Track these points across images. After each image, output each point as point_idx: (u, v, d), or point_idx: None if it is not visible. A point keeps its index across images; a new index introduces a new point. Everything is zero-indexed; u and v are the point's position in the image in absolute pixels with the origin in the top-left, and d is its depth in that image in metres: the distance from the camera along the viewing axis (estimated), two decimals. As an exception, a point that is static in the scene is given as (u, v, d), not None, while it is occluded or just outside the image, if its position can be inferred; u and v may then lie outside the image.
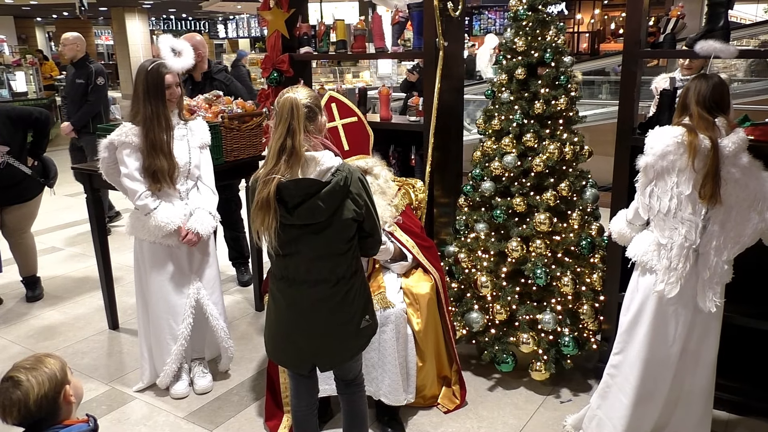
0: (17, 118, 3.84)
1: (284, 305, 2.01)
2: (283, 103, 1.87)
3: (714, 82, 2.14)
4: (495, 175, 2.95)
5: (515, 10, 2.92)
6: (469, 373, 3.06)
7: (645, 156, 2.16)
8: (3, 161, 3.74)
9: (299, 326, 2.00)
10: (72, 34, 5.36)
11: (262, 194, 1.84)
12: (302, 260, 1.94)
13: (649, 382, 2.30)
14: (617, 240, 2.43)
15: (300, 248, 1.92)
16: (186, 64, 2.81)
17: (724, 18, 2.53)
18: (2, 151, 3.73)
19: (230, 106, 3.48)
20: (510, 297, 2.89)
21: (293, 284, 1.97)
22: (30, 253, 4.14)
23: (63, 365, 1.64)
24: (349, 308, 2.00)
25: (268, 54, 3.55)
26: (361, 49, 3.42)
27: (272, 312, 2.07)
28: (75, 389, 1.66)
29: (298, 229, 1.89)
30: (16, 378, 1.56)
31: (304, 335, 2.01)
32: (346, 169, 1.91)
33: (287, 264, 1.96)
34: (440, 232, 3.32)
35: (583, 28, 19.19)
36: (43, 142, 4.02)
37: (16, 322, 3.80)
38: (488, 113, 3.04)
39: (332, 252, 1.94)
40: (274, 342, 2.09)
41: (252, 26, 19.32)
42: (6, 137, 3.74)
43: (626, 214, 2.36)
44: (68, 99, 5.35)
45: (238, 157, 3.42)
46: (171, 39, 2.80)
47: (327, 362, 2.07)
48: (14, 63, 12.39)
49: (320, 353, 2.03)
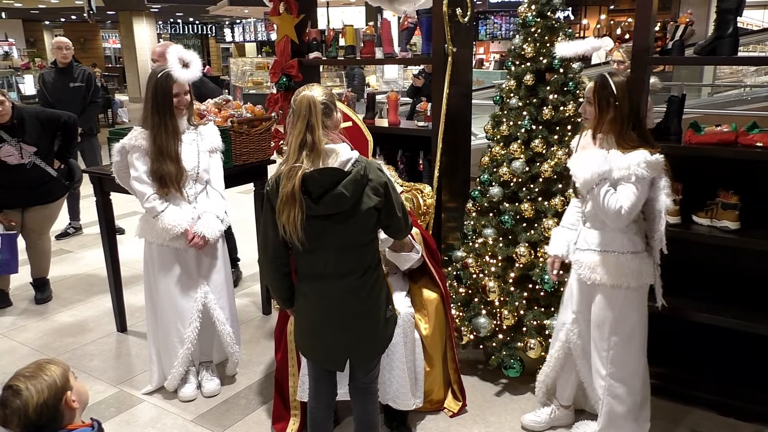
0: (46, 120, 3.93)
1: (315, 301, 2.03)
2: (301, 100, 1.91)
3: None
4: (503, 180, 2.96)
5: (524, 17, 2.94)
6: (476, 378, 3.06)
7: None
8: (30, 161, 3.82)
9: (332, 320, 2.02)
10: (67, 39, 5.40)
11: (287, 188, 1.86)
12: (329, 253, 1.96)
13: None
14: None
15: (326, 241, 1.94)
16: (193, 76, 2.78)
17: (733, 25, 2.54)
18: (30, 152, 3.80)
19: (239, 111, 3.50)
20: (518, 302, 2.90)
21: (322, 279, 1.99)
22: (45, 255, 4.18)
23: (64, 371, 1.64)
24: (376, 298, 2.05)
25: (278, 59, 3.57)
26: (370, 54, 3.44)
27: (303, 310, 2.09)
28: (78, 394, 1.66)
29: (323, 219, 1.91)
30: (15, 387, 1.57)
31: (338, 329, 2.03)
32: (364, 160, 1.96)
33: (314, 259, 1.98)
34: (448, 237, 3.33)
35: (589, 33, 19.18)
36: (71, 146, 4.12)
37: (25, 324, 3.83)
38: (497, 119, 3.05)
39: (357, 242, 1.97)
40: (309, 340, 2.11)
41: (259, 30, 19.38)
42: (35, 138, 3.83)
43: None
44: (61, 104, 4.91)
45: (247, 161, 3.44)
46: (179, 49, 2.79)
47: (362, 355, 2.09)
48: (23, 66, 12.49)
49: (356, 346, 2.06)
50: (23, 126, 3.78)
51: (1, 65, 13.20)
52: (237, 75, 14.69)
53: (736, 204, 2.62)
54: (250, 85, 13.25)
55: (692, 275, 2.90)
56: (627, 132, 2.18)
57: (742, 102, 6.61)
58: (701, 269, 2.90)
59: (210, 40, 26.64)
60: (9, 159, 3.73)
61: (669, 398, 2.81)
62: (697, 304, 2.75)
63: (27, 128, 3.80)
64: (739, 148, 2.57)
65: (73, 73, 5.26)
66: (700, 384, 2.82)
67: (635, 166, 2.12)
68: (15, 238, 3.80)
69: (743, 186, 2.65)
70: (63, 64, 5.24)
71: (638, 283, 2.28)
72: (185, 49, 2.82)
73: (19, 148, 3.75)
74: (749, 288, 2.77)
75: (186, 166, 2.79)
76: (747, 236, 2.59)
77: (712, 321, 2.70)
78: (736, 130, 2.60)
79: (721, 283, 2.83)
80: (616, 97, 2.16)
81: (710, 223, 2.70)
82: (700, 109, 5.79)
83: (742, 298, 2.74)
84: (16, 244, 3.81)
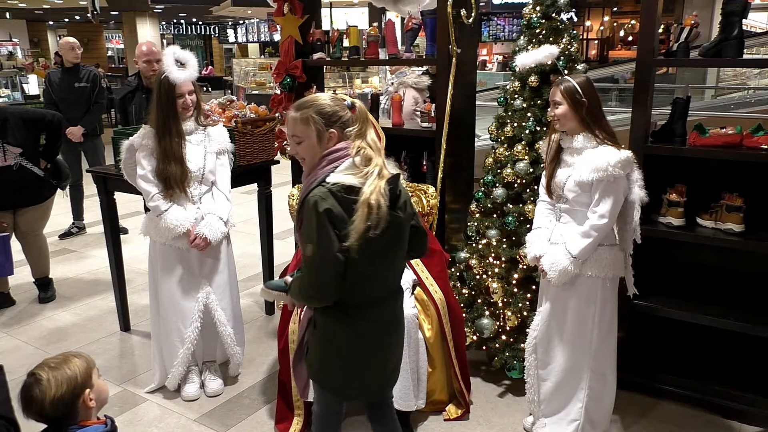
0: (30, 120, 3.87)
1: (369, 331, 1.82)
2: (360, 107, 1.80)
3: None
4: (507, 181, 2.96)
5: (529, 18, 2.93)
6: (479, 379, 3.06)
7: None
8: (16, 163, 3.77)
9: (388, 346, 1.89)
10: (75, 39, 5.43)
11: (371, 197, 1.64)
12: (389, 270, 1.82)
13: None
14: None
15: (388, 256, 1.78)
16: (190, 76, 2.75)
17: (738, 27, 2.54)
18: (15, 153, 3.76)
19: (243, 111, 3.50)
20: (521, 303, 2.89)
21: (378, 303, 1.82)
22: (43, 254, 4.18)
23: (88, 367, 1.65)
24: (402, 317, 1.97)
25: (282, 59, 3.58)
26: (373, 55, 3.44)
27: (347, 343, 1.82)
28: (98, 392, 1.68)
29: (392, 230, 1.73)
30: (38, 375, 1.59)
31: (389, 352, 1.90)
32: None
33: (370, 281, 1.78)
34: (451, 238, 3.33)
35: (592, 35, 19.16)
36: (56, 145, 4.05)
37: (29, 323, 3.84)
38: (501, 120, 3.05)
39: (403, 255, 1.86)
40: (354, 374, 1.87)
41: (262, 31, 19.40)
42: (19, 139, 3.77)
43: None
44: (66, 103, 5.13)
45: (251, 162, 3.44)
46: (176, 50, 2.75)
47: (396, 377, 2.00)
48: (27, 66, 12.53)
49: (395, 369, 1.96)
50: (6, 127, 3.71)
51: (6, 65, 13.24)
52: (240, 76, 14.72)
53: (740, 206, 2.62)
54: (253, 86, 13.28)
55: (695, 277, 2.90)
56: (597, 126, 2.27)
57: (746, 104, 6.59)
58: (704, 271, 2.90)
59: (213, 40, 26.67)
60: None
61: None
62: (699, 306, 2.75)
63: (11, 129, 3.73)
64: (744, 151, 2.57)
65: (79, 74, 5.28)
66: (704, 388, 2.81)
67: (612, 168, 2.17)
68: (8, 239, 3.76)
69: (748, 188, 2.65)
70: (72, 64, 5.26)
71: (614, 275, 2.34)
72: (181, 50, 2.77)
73: (2, 150, 3.69)
74: (752, 291, 2.77)
75: (191, 167, 2.79)
76: (751, 239, 2.59)
77: (714, 323, 2.70)
78: (741, 133, 2.59)
79: (725, 285, 2.83)
80: (583, 94, 2.25)
81: (714, 225, 2.70)
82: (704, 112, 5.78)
83: (744, 301, 2.74)
84: (10, 246, 3.76)
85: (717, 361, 2.91)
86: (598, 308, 2.33)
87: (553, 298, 2.41)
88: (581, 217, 2.30)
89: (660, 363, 2.97)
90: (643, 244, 2.41)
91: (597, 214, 2.23)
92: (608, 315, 2.36)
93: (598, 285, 2.31)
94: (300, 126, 1.77)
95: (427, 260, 2.78)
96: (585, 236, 2.25)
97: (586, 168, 2.22)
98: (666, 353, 3.03)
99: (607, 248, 2.31)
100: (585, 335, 2.36)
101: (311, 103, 1.79)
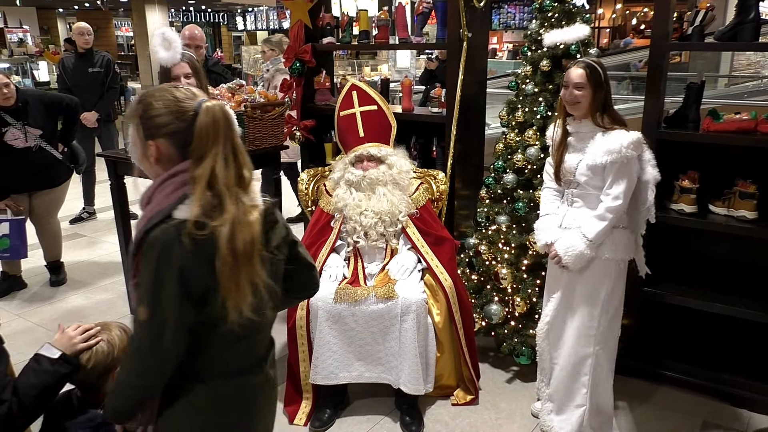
0: (50, 103, 3.94)
1: (238, 405, 1.34)
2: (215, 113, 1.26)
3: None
4: (517, 167, 2.94)
5: (541, 2, 2.90)
6: (488, 365, 3.06)
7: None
8: (36, 145, 3.83)
9: (261, 419, 1.44)
10: (87, 24, 5.43)
11: (243, 235, 1.22)
12: (266, 326, 1.40)
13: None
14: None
15: (268, 310, 1.37)
16: (171, 58, 2.69)
17: (755, 10, 2.49)
18: (35, 134, 3.81)
19: (253, 95, 3.49)
20: (530, 290, 2.89)
21: (251, 370, 1.37)
22: (56, 238, 4.21)
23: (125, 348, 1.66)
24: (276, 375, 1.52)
25: (291, 44, 3.56)
26: (383, 39, 3.42)
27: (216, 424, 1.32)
28: None
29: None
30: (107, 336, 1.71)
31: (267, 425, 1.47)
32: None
33: (257, 338, 1.38)
34: (461, 225, 3.32)
35: (604, 23, 18.95)
36: (73, 129, 4.11)
37: (41, 306, 3.87)
38: (512, 105, 3.02)
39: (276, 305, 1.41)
40: None
41: (271, 18, 19.32)
42: (39, 122, 3.83)
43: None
44: (80, 89, 5.12)
45: (260, 146, 3.44)
46: (165, 30, 2.71)
47: None
48: (37, 53, 12.57)
49: None
50: (27, 109, 3.78)
51: (17, 52, 13.28)
52: (249, 63, 14.68)
53: (754, 193, 2.60)
54: (262, 73, 13.24)
55: (707, 265, 2.88)
56: (610, 110, 2.26)
57: (760, 93, 6.50)
58: (716, 259, 2.87)
59: (222, 28, 26.61)
60: (15, 143, 3.73)
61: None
62: (710, 293, 2.74)
63: (31, 111, 3.79)
64: (758, 137, 2.54)
65: (93, 59, 5.29)
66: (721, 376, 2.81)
67: (625, 149, 2.16)
68: (23, 223, 3.80)
69: (762, 175, 2.62)
70: (84, 49, 5.26)
71: (627, 257, 2.34)
72: (170, 30, 2.74)
73: (24, 132, 3.75)
74: (765, 279, 2.74)
75: None
76: (765, 226, 2.56)
77: (725, 311, 2.68)
78: (756, 118, 2.56)
79: (736, 273, 2.81)
80: (605, 80, 2.23)
81: (727, 212, 2.67)
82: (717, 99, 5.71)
83: (756, 290, 2.72)
84: (25, 229, 3.80)
85: (727, 349, 2.89)
86: (609, 291, 2.32)
87: (565, 283, 2.40)
88: (594, 200, 2.29)
89: (669, 350, 2.96)
90: (654, 231, 2.40)
91: (611, 196, 2.21)
92: (617, 298, 2.36)
93: (612, 267, 2.30)
94: (131, 127, 1.30)
95: (436, 247, 2.78)
96: (600, 219, 2.23)
97: (599, 151, 2.21)
98: (675, 341, 3.02)
99: (621, 230, 2.30)
100: (593, 319, 2.35)
101: (149, 96, 1.28)
